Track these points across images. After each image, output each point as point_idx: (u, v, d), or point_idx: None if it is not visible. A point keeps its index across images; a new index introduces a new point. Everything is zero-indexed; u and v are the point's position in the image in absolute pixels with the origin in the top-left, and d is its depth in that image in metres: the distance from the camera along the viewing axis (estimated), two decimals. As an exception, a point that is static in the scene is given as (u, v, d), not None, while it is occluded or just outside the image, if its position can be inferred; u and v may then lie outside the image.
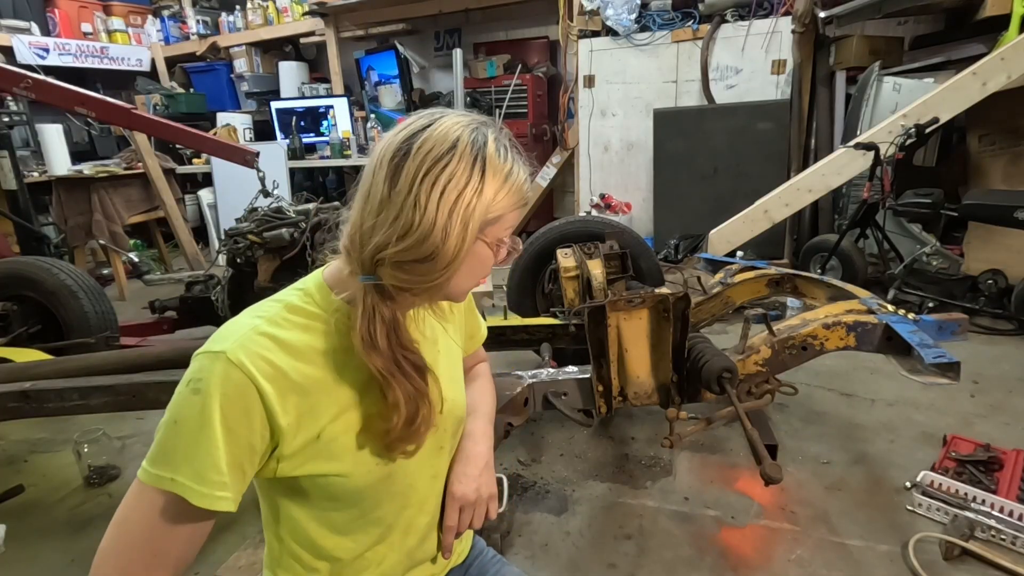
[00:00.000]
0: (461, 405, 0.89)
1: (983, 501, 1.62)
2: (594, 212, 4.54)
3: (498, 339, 2.08)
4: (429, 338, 0.83)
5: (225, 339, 0.67)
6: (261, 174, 2.97)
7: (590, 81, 4.49)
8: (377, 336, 0.70)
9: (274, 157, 4.69)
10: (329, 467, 0.72)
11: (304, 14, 5.43)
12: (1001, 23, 3.16)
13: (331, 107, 5.25)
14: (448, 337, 0.90)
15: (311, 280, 0.76)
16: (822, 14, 3.66)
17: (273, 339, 0.68)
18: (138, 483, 0.65)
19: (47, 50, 5.22)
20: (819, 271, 3.25)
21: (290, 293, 0.74)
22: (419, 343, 0.77)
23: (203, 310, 2.85)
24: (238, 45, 5.84)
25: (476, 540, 1.02)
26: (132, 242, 4.93)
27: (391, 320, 0.71)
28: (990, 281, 3.00)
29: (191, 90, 6.02)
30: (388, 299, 0.71)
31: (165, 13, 6.16)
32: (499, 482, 0.94)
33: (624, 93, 4.44)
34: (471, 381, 1.03)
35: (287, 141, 5.13)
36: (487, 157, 0.67)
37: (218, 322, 0.70)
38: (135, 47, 6.01)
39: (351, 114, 5.22)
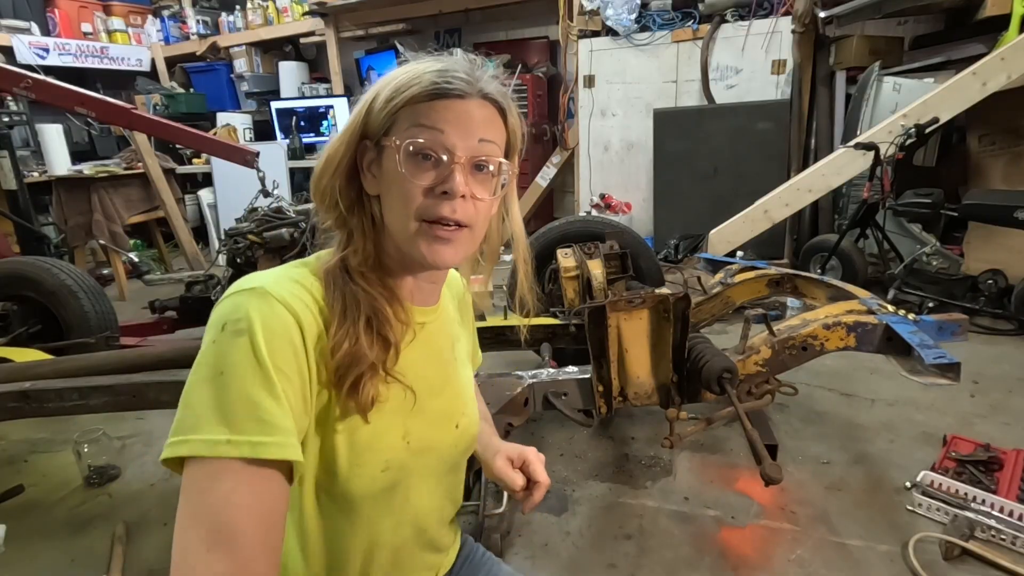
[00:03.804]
0: (476, 423, 0.84)
1: (983, 501, 1.61)
2: (594, 212, 4.54)
3: (498, 339, 2.08)
4: (446, 341, 0.80)
5: (258, 279, 0.62)
6: (261, 174, 2.97)
7: (590, 81, 4.49)
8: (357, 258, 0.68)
9: (274, 157, 4.69)
10: (330, 462, 0.66)
11: (304, 14, 5.43)
12: (1001, 23, 3.16)
13: (331, 107, 5.25)
14: (465, 348, 0.87)
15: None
16: (822, 14, 3.66)
17: (307, 291, 0.64)
18: (185, 472, 0.55)
19: (47, 50, 5.22)
20: (819, 271, 3.25)
21: (318, 256, 0.72)
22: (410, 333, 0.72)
23: (203, 310, 2.85)
24: (238, 45, 5.84)
25: (464, 539, 0.96)
26: (132, 242, 4.93)
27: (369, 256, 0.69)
28: (990, 281, 3.00)
29: (191, 90, 6.02)
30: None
31: (165, 13, 6.16)
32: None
33: (624, 93, 4.44)
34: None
35: (287, 141, 5.14)
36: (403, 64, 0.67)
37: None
38: (135, 47, 6.01)
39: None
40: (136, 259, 3.96)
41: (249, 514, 0.54)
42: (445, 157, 0.65)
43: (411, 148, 0.64)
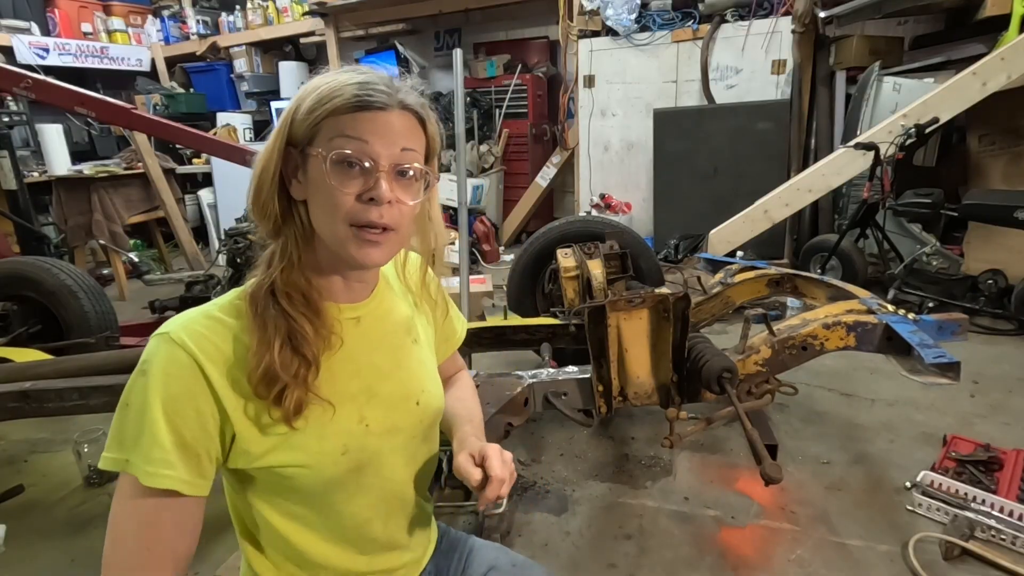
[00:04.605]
0: (439, 397, 0.88)
1: (983, 501, 1.62)
2: (594, 212, 4.54)
3: (498, 339, 2.08)
4: (391, 327, 0.83)
5: (172, 322, 0.68)
6: (261, 174, 2.96)
7: (590, 81, 4.49)
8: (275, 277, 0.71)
9: (274, 157, 4.68)
10: (291, 456, 0.70)
11: (304, 14, 5.43)
12: (1001, 23, 3.16)
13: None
14: (423, 329, 0.90)
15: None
16: (822, 14, 3.66)
17: (220, 322, 0.69)
18: (119, 480, 0.67)
19: (47, 50, 5.22)
20: (819, 271, 3.25)
21: (248, 283, 0.74)
22: (340, 325, 0.75)
23: (203, 310, 2.85)
24: (238, 45, 5.85)
25: (437, 525, 1.01)
26: (132, 242, 4.93)
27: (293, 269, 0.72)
28: (990, 281, 3.00)
29: (191, 90, 6.03)
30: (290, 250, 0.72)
31: (165, 13, 6.17)
32: None
33: (624, 93, 4.44)
34: (456, 388, 1.02)
35: (287, 141, 5.13)
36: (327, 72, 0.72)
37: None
38: (135, 47, 6.02)
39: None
40: (136, 259, 3.96)
41: (133, 523, 0.66)
42: (369, 165, 0.68)
43: (336, 158, 0.67)
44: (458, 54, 2.60)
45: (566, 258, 2.28)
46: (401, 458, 0.82)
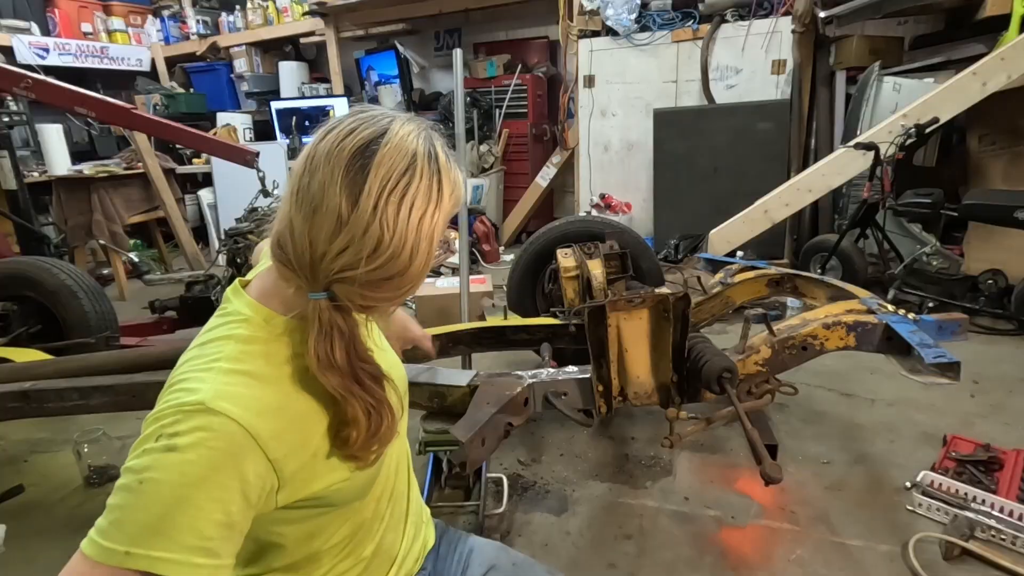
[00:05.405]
0: (403, 371, 0.92)
1: (983, 501, 1.61)
2: (594, 212, 4.54)
3: (498, 339, 2.08)
4: (371, 337, 0.84)
5: (195, 389, 0.61)
6: (261, 174, 2.97)
7: (590, 81, 4.49)
8: (335, 354, 0.66)
9: (274, 157, 4.69)
10: (332, 477, 0.71)
11: (304, 14, 5.43)
12: (1001, 23, 3.16)
13: (331, 107, 5.25)
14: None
15: (244, 307, 0.70)
16: (822, 14, 3.67)
17: (246, 375, 0.65)
18: (82, 559, 0.58)
19: (47, 50, 5.22)
20: (819, 271, 3.25)
21: (232, 327, 0.69)
22: (372, 351, 0.75)
23: (203, 310, 2.85)
24: (238, 45, 5.85)
25: (436, 523, 1.04)
26: (132, 242, 4.93)
27: (349, 335, 0.68)
28: (990, 281, 2.99)
29: (191, 90, 6.03)
30: (346, 314, 0.67)
31: (165, 13, 6.17)
32: (498, 482, 0.95)
33: (624, 93, 4.44)
34: None
35: (287, 141, 5.14)
36: (441, 169, 0.67)
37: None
38: (135, 47, 6.02)
39: (351, 114, 5.22)
40: (136, 259, 3.96)
41: None
42: None
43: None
44: (458, 54, 2.60)
45: (566, 258, 2.28)
46: (396, 440, 0.85)
